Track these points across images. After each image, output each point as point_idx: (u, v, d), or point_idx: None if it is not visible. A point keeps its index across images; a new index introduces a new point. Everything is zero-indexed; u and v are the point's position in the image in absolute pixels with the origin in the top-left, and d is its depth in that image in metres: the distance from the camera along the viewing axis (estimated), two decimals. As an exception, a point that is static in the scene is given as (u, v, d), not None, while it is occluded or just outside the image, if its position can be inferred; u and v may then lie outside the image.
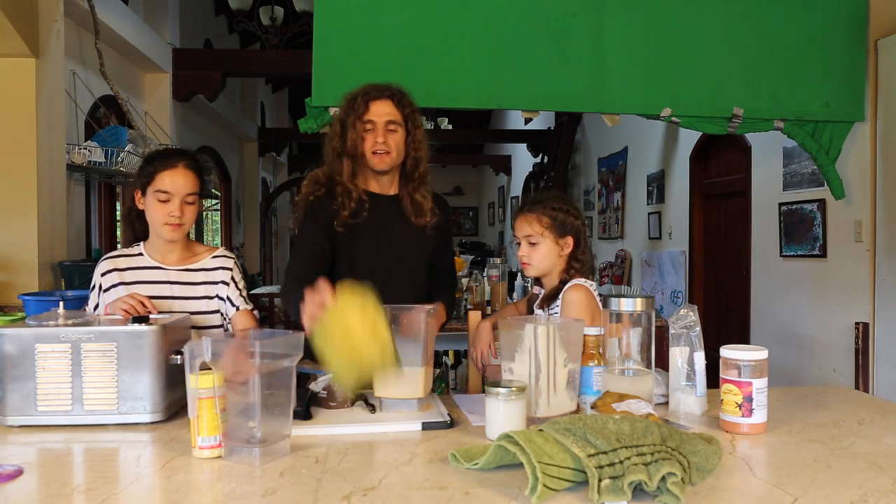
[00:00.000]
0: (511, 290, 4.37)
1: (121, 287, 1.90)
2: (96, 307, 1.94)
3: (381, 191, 2.01)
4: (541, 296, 2.07)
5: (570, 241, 1.98)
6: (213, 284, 1.98)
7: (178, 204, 1.88)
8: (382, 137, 1.93)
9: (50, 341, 1.44)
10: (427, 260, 2.08)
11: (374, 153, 1.94)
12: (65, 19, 3.89)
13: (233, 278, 2.01)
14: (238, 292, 2.00)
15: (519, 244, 2.01)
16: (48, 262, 3.61)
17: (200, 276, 1.97)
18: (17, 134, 3.49)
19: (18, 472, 1.17)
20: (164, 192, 1.87)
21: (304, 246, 1.96)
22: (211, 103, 6.86)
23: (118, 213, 5.35)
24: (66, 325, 1.47)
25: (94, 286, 1.95)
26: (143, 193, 1.91)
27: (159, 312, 1.80)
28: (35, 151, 3.50)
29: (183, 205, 1.89)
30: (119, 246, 2.03)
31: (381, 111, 1.95)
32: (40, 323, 1.48)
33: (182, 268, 1.96)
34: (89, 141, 4.29)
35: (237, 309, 1.99)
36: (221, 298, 1.99)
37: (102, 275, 1.93)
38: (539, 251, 1.96)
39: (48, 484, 1.14)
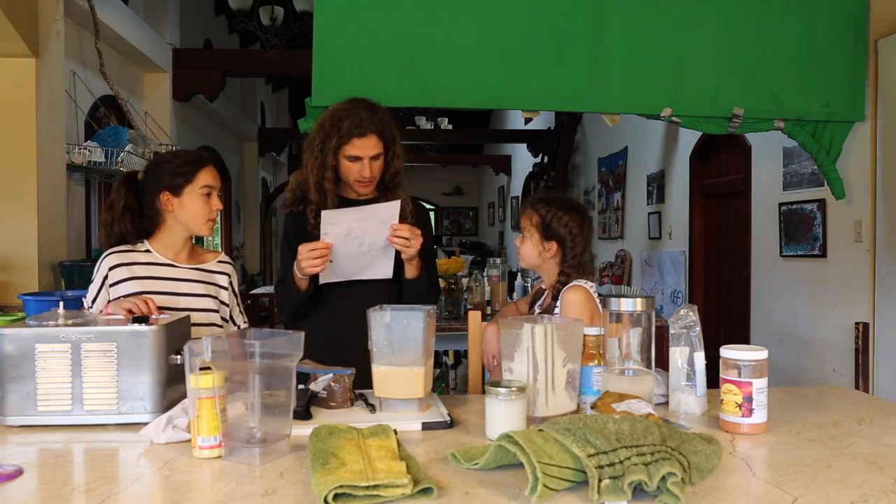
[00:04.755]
0: (511, 290, 4.37)
1: (132, 282, 1.91)
2: (94, 299, 1.92)
3: (356, 196, 2.08)
4: (543, 300, 2.09)
5: (553, 246, 2.01)
6: (218, 287, 2.05)
7: (217, 198, 1.96)
8: (368, 172, 2.01)
9: (50, 341, 1.44)
10: (400, 262, 2.09)
11: (356, 181, 2.02)
12: (65, 19, 3.89)
13: (232, 284, 2.09)
14: (238, 307, 2.11)
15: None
16: (48, 262, 3.61)
17: (208, 277, 2.03)
18: (17, 134, 3.49)
19: (18, 472, 1.17)
20: (210, 186, 1.94)
21: (286, 258, 2.07)
22: (211, 103, 6.87)
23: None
24: (66, 325, 1.47)
25: (94, 279, 1.93)
26: (177, 194, 1.92)
27: (168, 309, 1.84)
28: (35, 151, 3.50)
29: (219, 198, 1.98)
30: (102, 245, 2.04)
31: (367, 145, 1.99)
32: (40, 323, 1.48)
33: (192, 266, 2.01)
34: (89, 141, 4.29)
35: (235, 326, 2.08)
36: (223, 303, 2.05)
37: (111, 268, 1.92)
38: (525, 245, 2.04)
39: (48, 484, 1.14)
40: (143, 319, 1.51)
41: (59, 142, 3.79)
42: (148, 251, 1.97)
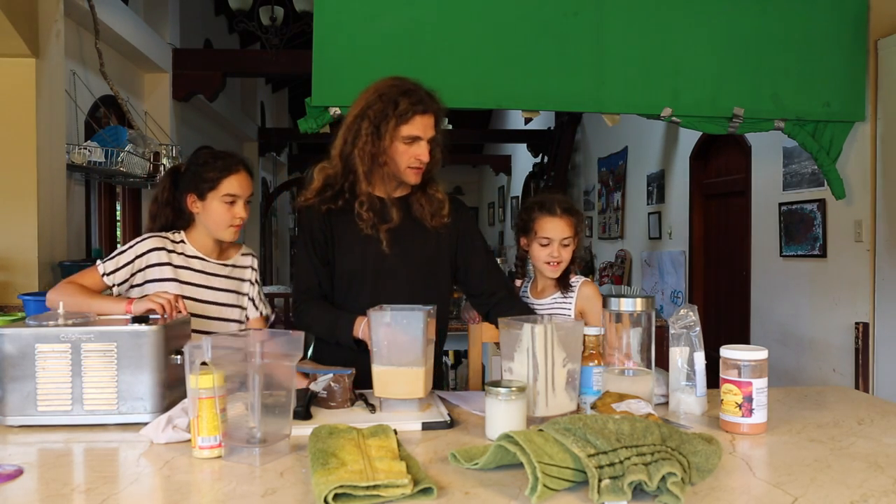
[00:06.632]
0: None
1: (167, 268, 1.92)
2: (116, 270, 1.88)
3: (386, 194, 1.89)
4: (539, 287, 2.18)
5: (577, 241, 2.16)
6: (241, 281, 2.06)
7: (242, 206, 1.96)
8: (427, 155, 1.83)
9: (50, 341, 1.44)
10: (446, 262, 1.97)
11: (410, 167, 1.84)
12: (65, 19, 3.89)
13: (257, 280, 2.10)
14: (259, 296, 2.10)
15: (545, 245, 2.08)
16: (48, 262, 3.60)
17: (234, 272, 2.05)
18: (17, 134, 3.48)
19: (18, 472, 1.17)
20: (233, 195, 1.94)
21: (311, 263, 1.91)
22: (211, 103, 6.86)
23: (118, 213, 5.35)
24: (66, 325, 1.47)
25: (124, 251, 1.92)
26: (202, 198, 1.94)
27: (193, 300, 1.89)
28: (35, 151, 3.50)
29: (245, 206, 1.97)
30: (119, 244, 2.04)
31: (427, 125, 1.83)
32: (40, 323, 1.48)
33: (220, 262, 2.03)
34: (89, 141, 4.29)
35: (259, 312, 2.08)
36: (244, 294, 2.07)
37: (149, 250, 1.92)
38: (569, 251, 2.11)
39: (48, 484, 1.14)
40: (143, 319, 1.51)
41: (59, 142, 3.79)
42: (182, 242, 1.99)
